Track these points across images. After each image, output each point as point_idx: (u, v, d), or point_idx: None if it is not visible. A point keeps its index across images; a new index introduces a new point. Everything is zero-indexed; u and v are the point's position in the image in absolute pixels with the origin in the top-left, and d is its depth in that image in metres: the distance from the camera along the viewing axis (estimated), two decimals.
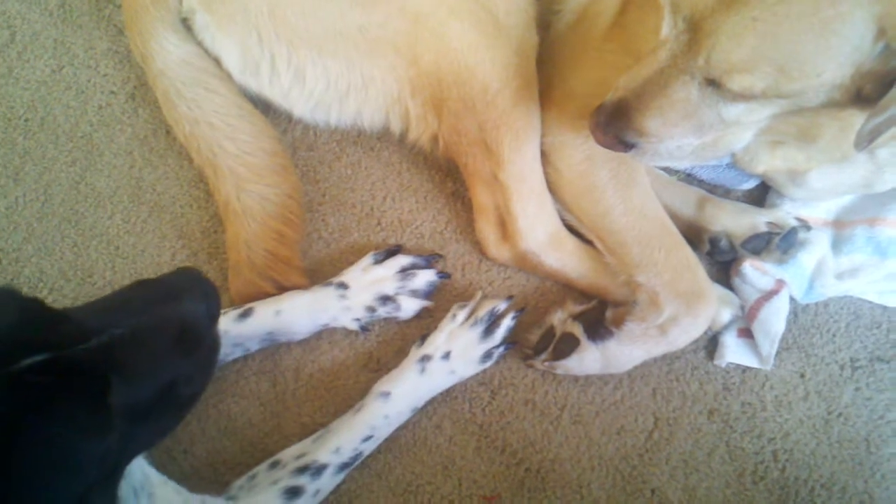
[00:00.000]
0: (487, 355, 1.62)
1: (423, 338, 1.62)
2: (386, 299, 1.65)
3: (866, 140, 1.11)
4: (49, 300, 1.65)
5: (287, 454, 1.53)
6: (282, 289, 1.63)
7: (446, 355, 1.59)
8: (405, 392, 1.57)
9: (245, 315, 1.57)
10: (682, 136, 1.27)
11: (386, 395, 1.56)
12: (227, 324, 1.55)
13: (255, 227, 1.64)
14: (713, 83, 1.16)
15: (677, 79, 1.19)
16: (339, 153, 1.83)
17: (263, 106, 1.73)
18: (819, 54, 1.06)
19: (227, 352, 1.59)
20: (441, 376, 1.60)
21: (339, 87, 1.63)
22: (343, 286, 1.63)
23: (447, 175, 1.79)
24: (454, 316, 1.63)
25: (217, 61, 1.67)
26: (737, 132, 1.29)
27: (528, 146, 1.58)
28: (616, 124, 1.29)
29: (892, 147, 1.42)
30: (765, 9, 1.04)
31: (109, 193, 1.81)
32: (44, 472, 0.86)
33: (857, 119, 1.15)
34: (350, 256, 1.73)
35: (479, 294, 1.68)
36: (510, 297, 1.66)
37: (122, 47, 1.90)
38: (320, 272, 1.71)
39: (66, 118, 1.87)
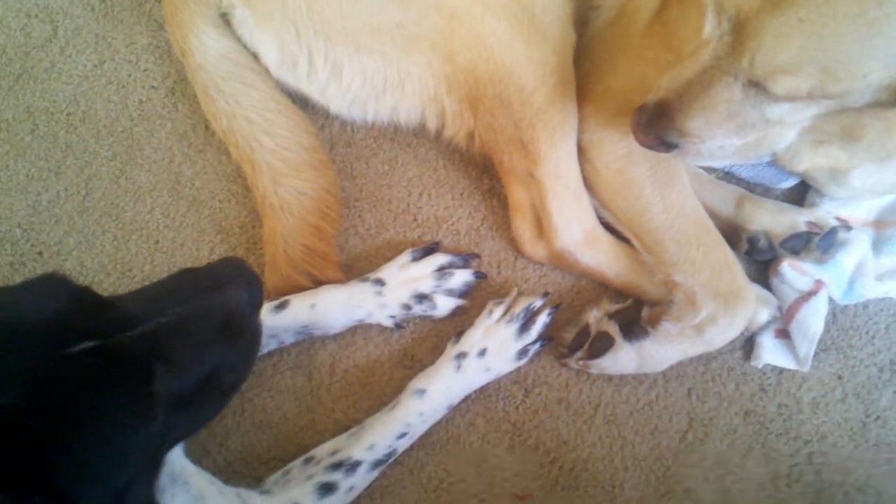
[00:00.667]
0: (523, 352, 1.62)
1: (459, 335, 1.62)
2: (422, 297, 1.65)
3: None
4: None
5: (321, 450, 1.54)
6: (318, 283, 1.64)
7: (482, 352, 1.59)
8: (440, 389, 1.57)
9: (281, 307, 1.58)
10: (724, 137, 1.25)
11: (421, 392, 1.56)
12: (264, 315, 1.53)
13: (293, 222, 1.65)
14: (757, 84, 1.14)
15: (720, 79, 1.17)
16: (377, 150, 1.83)
17: (301, 102, 1.74)
18: (865, 55, 1.04)
19: (262, 343, 1.58)
20: (477, 373, 1.60)
21: (375, 84, 1.63)
22: (380, 283, 1.63)
23: (483, 172, 1.79)
24: (490, 312, 1.63)
25: (255, 56, 1.68)
26: (780, 132, 1.27)
27: (564, 144, 1.57)
28: (658, 125, 1.28)
29: None
30: (811, 9, 1.02)
31: (149, 188, 1.83)
32: (96, 456, 0.88)
33: None
34: (386, 252, 1.74)
35: (514, 291, 1.68)
36: (546, 294, 1.66)
37: (163, 42, 1.92)
38: (356, 267, 1.72)
39: (107, 113, 1.89)
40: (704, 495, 1.59)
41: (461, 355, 1.59)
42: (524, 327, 1.62)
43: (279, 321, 1.58)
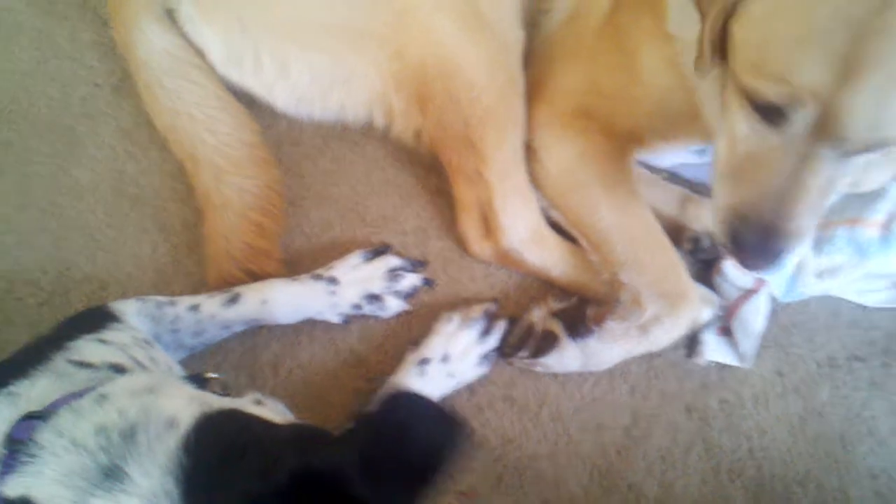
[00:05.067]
0: (485, 357, 1.63)
1: (417, 342, 1.62)
2: (373, 298, 1.65)
3: None
4: (26, 293, 1.66)
5: None
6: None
7: (445, 358, 1.59)
8: None
9: (232, 301, 1.56)
10: (822, 209, 1.21)
11: None
12: (215, 308, 1.54)
13: (234, 219, 1.63)
14: (852, 152, 1.11)
15: (814, 169, 1.13)
16: (324, 148, 1.82)
17: (248, 99, 1.73)
18: None
19: (214, 335, 1.59)
20: (440, 379, 1.60)
21: (322, 81, 1.63)
22: (333, 281, 1.62)
23: (431, 171, 1.79)
24: (449, 319, 1.63)
25: (200, 53, 1.66)
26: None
27: (511, 143, 1.59)
28: (770, 245, 1.21)
29: None
30: (892, 59, 1.00)
31: (91, 186, 1.80)
32: None
33: None
34: (332, 251, 1.73)
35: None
36: (496, 301, 1.67)
37: (107, 39, 1.89)
38: (301, 266, 1.70)
39: (50, 110, 1.86)
40: (648, 490, 1.61)
41: (424, 361, 1.58)
42: (485, 332, 1.63)
43: (230, 315, 1.56)
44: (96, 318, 1.38)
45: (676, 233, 1.68)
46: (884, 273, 1.68)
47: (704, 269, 1.72)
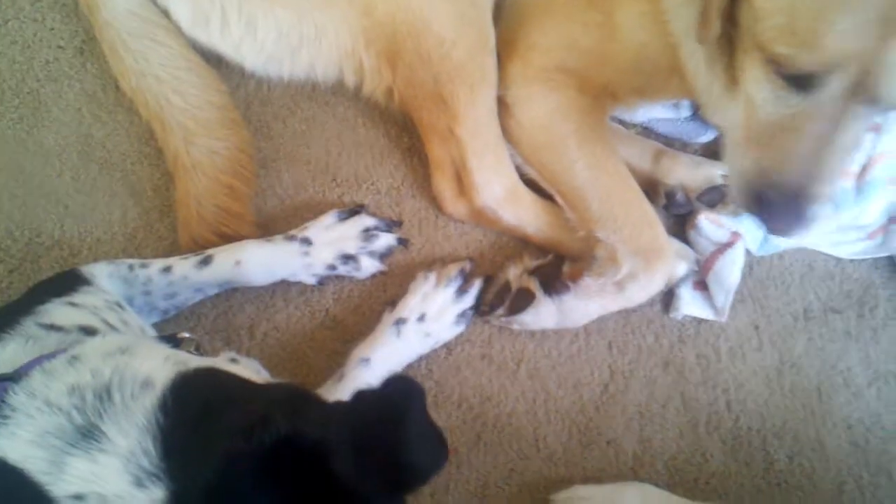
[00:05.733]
0: (462, 316, 1.62)
1: (394, 303, 1.61)
2: (347, 258, 1.63)
3: None
4: None
5: None
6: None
7: (421, 317, 1.59)
8: (384, 356, 1.56)
9: (205, 262, 1.54)
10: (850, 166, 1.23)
11: (366, 360, 1.55)
12: (187, 270, 1.53)
13: (206, 182, 1.61)
14: (887, 108, 1.11)
15: (846, 131, 1.13)
16: (294, 108, 1.80)
17: (216, 60, 1.70)
18: None
19: (187, 297, 1.57)
20: (418, 339, 1.59)
21: (291, 39, 1.60)
22: (307, 242, 1.61)
23: (403, 130, 1.77)
24: (425, 277, 1.62)
25: (166, 13, 1.63)
26: None
27: (484, 99, 1.57)
28: (802, 209, 1.21)
29: None
30: None
31: (58, 151, 1.77)
32: None
33: None
34: (305, 213, 1.71)
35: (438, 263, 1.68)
36: (471, 259, 1.66)
37: (70, 0, 1.85)
38: (275, 227, 1.69)
39: (12, 73, 1.81)
40: (627, 445, 1.62)
41: (400, 321, 1.58)
42: (461, 290, 1.62)
43: (202, 277, 1.54)
44: (67, 282, 1.36)
45: (651, 188, 1.68)
46: (858, 224, 1.68)
47: (679, 224, 1.71)
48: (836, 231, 1.68)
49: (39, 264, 1.69)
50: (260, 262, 1.58)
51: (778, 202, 1.22)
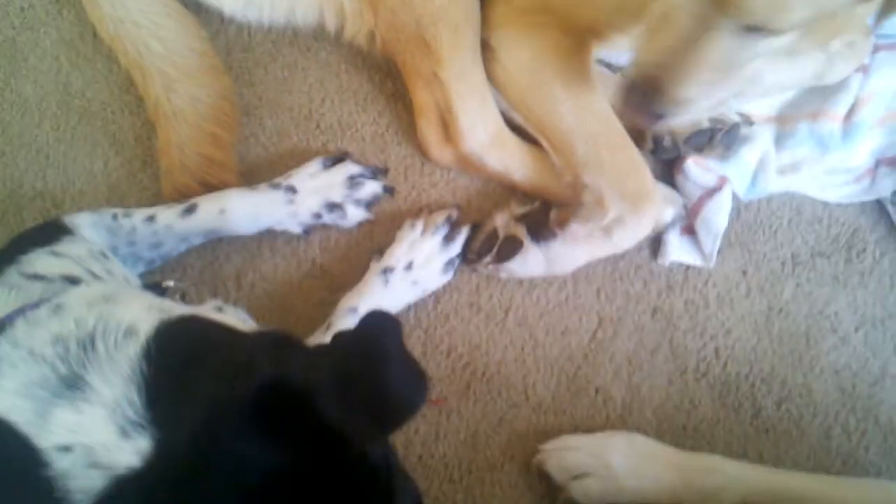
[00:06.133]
0: (449, 264, 1.61)
1: (381, 251, 1.60)
2: (333, 206, 1.62)
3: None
4: None
5: None
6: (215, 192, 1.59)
7: (409, 266, 1.58)
8: (372, 305, 1.54)
9: (189, 211, 1.52)
10: (718, 90, 1.22)
11: (353, 309, 1.54)
12: (172, 219, 1.51)
13: (188, 130, 1.59)
14: (751, 29, 1.10)
15: (708, 38, 1.13)
16: (275, 54, 1.77)
17: (194, 5, 1.67)
18: None
19: (172, 247, 1.56)
20: (405, 288, 1.58)
21: None
22: (291, 190, 1.59)
23: (387, 76, 1.74)
24: (412, 226, 1.61)
25: None
26: (759, 62, 1.24)
27: (468, 42, 1.54)
28: (651, 102, 1.23)
29: (844, 38, 1.41)
30: None
31: (36, 100, 1.74)
32: None
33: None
34: (289, 160, 1.69)
35: (425, 210, 1.66)
36: (458, 207, 1.65)
37: None
38: (258, 176, 1.67)
39: None
40: (615, 392, 1.62)
41: (387, 270, 1.57)
42: (448, 238, 1.61)
43: (187, 225, 1.53)
44: (50, 232, 1.35)
45: (637, 132, 1.65)
46: (846, 167, 1.67)
47: (666, 169, 1.70)
48: (824, 174, 1.67)
49: (22, 216, 1.68)
50: (244, 210, 1.56)
51: (634, 89, 1.25)
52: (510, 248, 1.59)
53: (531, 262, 1.59)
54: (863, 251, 1.68)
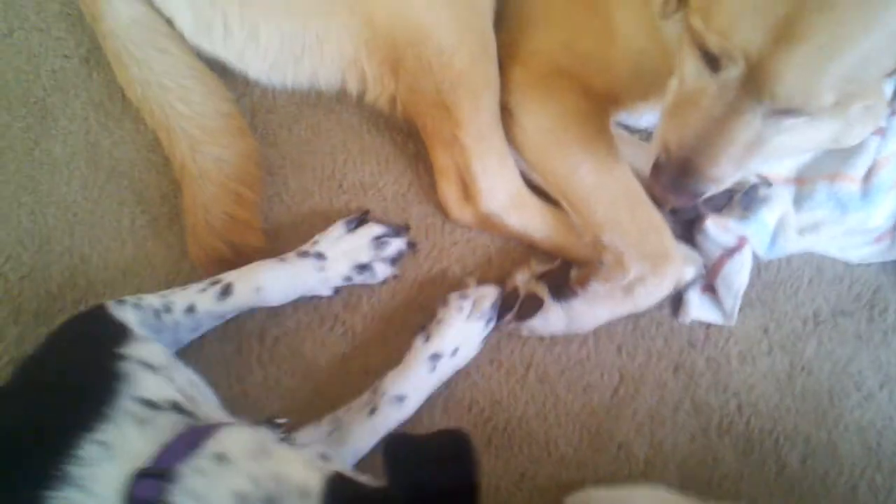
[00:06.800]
0: (485, 339, 1.62)
1: (426, 332, 1.58)
2: (363, 267, 1.63)
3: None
4: (6, 268, 1.65)
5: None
6: (240, 252, 1.61)
7: (455, 352, 1.58)
8: (419, 392, 1.56)
9: (225, 293, 1.53)
10: (748, 164, 1.24)
11: (401, 399, 1.53)
12: (210, 305, 1.51)
13: (213, 189, 1.61)
14: (782, 112, 1.14)
15: (740, 121, 1.16)
16: (299, 116, 1.80)
17: (220, 68, 1.70)
18: (882, 49, 1.05)
19: (209, 325, 1.58)
20: (448, 370, 1.59)
21: (293, 47, 1.60)
22: (321, 257, 1.60)
23: (409, 137, 1.76)
24: (460, 309, 1.59)
25: (169, 21, 1.64)
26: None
27: (487, 105, 1.56)
28: (686, 183, 1.26)
29: (863, 102, 1.42)
30: (826, 34, 1.02)
31: (66, 159, 1.77)
32: None
33: None
34: (312, 219, 1.72)
35: (472, 283, 1.65)
36: (501, 288, 1.64)
37: (75, 9, 1.84)
38: (282, 235, 1.69)
39: (19, 83, 1.82)
40: (637, 449, 1.61)
41: (435, 356, 1.56)
42: (490, 321, 1.61)
43: (225, 307, 1.54)
44: (106, 326, 1.34)
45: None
46: (865, 228, 1.67)
47: (686, 229, 1.70)
48: (843, 235, 1.67)
49: (50, 271, 1.70)
50: (279, 284, 1.57)
51: (665, 170, 1.27)
52: (531, 306, 1.60)
53: (552, 319, 1.60)
54: (885, 310, 1.67)
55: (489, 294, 1.62)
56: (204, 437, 1.06)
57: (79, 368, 1.21)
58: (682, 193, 1.28)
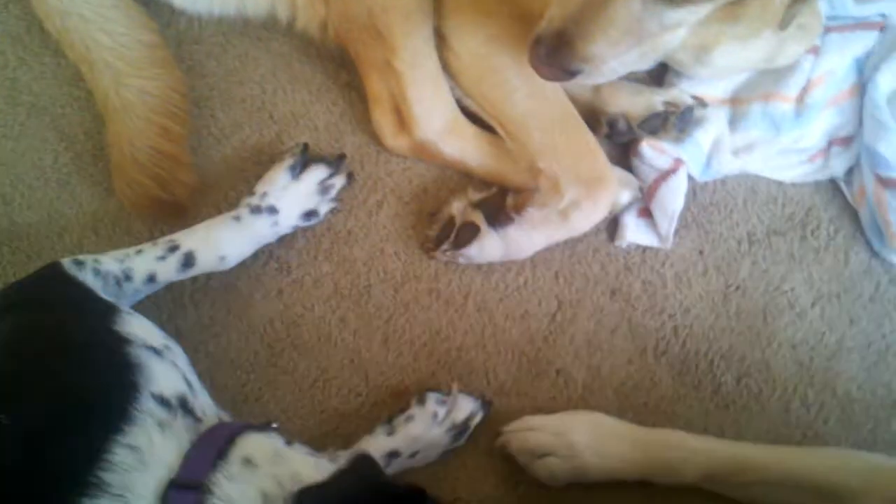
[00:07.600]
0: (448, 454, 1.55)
1: (390, 422, 1.50)
2: (311, 214, 1.62)
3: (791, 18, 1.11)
4: None
5: None
6: (168, 187, 1.57)
7: (413, 455, 1.49)
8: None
9: (188, 265, 1.48)
10: (625, 52, 1.24)
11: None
12: (171, 274, 1.47)
13: (138, 124, 1.57)
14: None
15: (618, 1, 1.15)
16: (226, 45, 1.75)
17: None
18: None
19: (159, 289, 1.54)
20: (398, 468, 1.49)
21: None
22: (273, 211, 1.57)
23: (340, 65, 1.73)
24: (434, 415, 1.50)
25: None
26: (676, 32, 1.26)
27: (420, 30, 1.53)
28: (559, 56, 1.25)
29: (796, 20, 1.42)
30: None
31: None
32: None
33: None
34: (242, 152, 1.69)
35: (455, 389, 1.56)
36: (488, 403, 1.58)
37: None
38: (212, 169, 1.66)
39: None
40: (576, 373, 1.62)
41: (393, 454, 1.47)
42: (459, 435, 1.54)
43: (186, 275, 1.51)
44: (74, 292, 1.30)
45: (592, 117, 1.66)
46: (799, 147, 1.68)
47: (622, 152, 1.70)
48: (778, 155, 1.68)
49: None
50: (240, 249, 1.55)
51: (542, 41, 1.26)
52: (468, 234, 1.59)
53: (489, 247, 1.59)
54: (817, 229, 1.70)
55: (467, 408, 1.55)
56: (227, 443, 1.08)
57: (90, 356, 1.15)
58: (554, 66, 1.27)
